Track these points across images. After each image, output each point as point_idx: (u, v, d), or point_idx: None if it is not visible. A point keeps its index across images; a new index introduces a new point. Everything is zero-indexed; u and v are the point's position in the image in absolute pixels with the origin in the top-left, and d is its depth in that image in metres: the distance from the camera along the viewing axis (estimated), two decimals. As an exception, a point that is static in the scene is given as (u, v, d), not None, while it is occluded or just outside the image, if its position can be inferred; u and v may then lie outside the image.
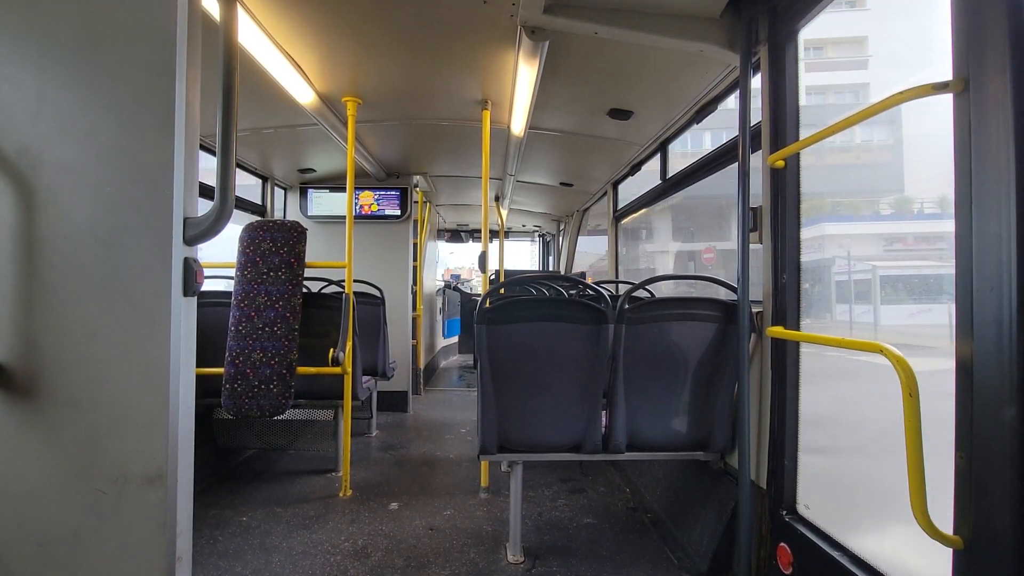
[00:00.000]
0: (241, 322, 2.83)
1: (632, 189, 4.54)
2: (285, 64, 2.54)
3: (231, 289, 2.95)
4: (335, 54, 2.59)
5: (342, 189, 4.97)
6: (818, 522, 1.72)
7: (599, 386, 2.21)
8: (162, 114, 1.19)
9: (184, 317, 1.24)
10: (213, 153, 1.32)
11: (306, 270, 3.01)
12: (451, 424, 4.55)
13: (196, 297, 1.30)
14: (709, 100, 2.81)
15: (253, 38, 2.28)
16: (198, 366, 1.37)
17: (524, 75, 2.57)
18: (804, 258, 1.87)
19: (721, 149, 2.78)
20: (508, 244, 10.46)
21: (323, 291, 3.83)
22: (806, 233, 1.87)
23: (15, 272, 1.19)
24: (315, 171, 4.75)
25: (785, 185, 1.90)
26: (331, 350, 2.94)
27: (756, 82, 2.06)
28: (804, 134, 1.84)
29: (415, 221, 5.46)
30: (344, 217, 3.87)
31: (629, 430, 2.24)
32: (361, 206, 5.03)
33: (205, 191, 1.32)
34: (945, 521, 1.16)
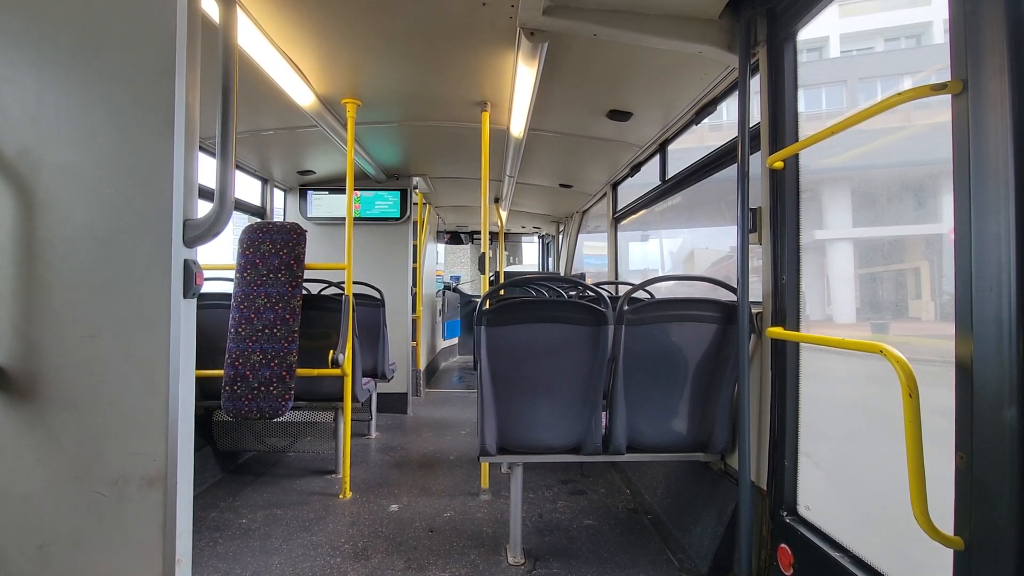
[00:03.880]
0: (241, 324, 2.83)
1: (633, 187, 4.54)
2: (284, 66, 2.55)
3: (231, 291, 2.96)
4: (334, 56, 2.59)
5: (341, 191, 4.97)
6: (819, 523, 1.72)
7: (599, 387, 2.21)
8: (162, 116, 1.19)
9: (184, 319, 1.24)
10: (212, 155, 1.32)
11: (306, 272, 3.02)
12: (451, 425, 4.54)
13: (196, 299, 1.30)
14: (708, 101, 2.82)
15: (252, 40, 2.28)
16: (198, 368, 1.37)
17: (523, 76, 2.57)
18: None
19: (721, 150, 2.78)
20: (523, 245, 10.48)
21: (323, 293, 3.83)
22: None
23: (15, 274, 1.19)
24: (314, 173, 4.75)
25: (784, 186, 1.90)
26: (331, 352, 2.94)
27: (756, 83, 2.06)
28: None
29: (415, 223, 5.46)
30: (344, 219, 3.86)
31: (629, 431, 2.24)
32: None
33: (204, 193, 1.32)
34: (946, 522, 1.16)
